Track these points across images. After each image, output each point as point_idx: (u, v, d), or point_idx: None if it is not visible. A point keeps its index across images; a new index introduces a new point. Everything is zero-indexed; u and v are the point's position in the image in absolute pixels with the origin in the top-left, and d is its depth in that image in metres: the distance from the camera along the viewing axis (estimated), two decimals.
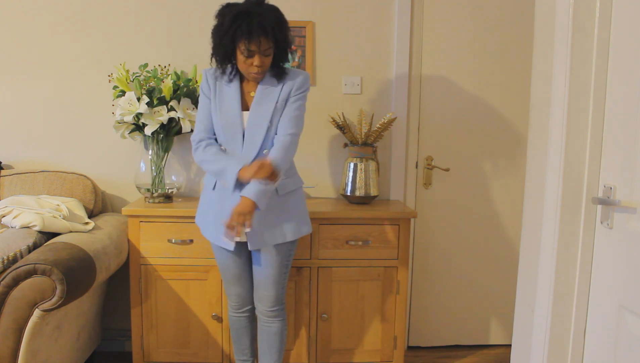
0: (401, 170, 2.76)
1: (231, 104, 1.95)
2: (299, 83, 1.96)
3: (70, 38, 2.62)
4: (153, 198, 2.49)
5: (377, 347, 2.48)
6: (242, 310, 2.16)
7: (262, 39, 1.81)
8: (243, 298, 2.14)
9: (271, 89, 1.95)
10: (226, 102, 1.96)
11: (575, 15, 1.45)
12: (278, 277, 2.05)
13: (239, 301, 2.15)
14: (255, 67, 1.87)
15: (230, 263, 2.08)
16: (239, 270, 2.09)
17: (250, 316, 2.19)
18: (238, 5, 1.86)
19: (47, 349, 1.94)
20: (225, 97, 1.96)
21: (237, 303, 2.16)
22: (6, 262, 1.90)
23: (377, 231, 2.40)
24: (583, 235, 1.49)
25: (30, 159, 2.67)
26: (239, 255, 2.06)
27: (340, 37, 2.68)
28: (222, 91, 1.97)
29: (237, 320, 2.19)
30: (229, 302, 2.18)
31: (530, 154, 1.71)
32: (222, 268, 2.12)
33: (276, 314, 2.09)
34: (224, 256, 2.07)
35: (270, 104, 1.93)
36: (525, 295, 1.71)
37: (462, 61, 2.74)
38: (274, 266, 2.03)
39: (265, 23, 1.81)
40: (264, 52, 1.85)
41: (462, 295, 2.89)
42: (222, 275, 2.15)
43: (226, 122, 1.95)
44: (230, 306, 2.18)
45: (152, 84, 2.43)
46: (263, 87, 1.95)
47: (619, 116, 1.40)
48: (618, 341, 1.37)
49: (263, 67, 1.88)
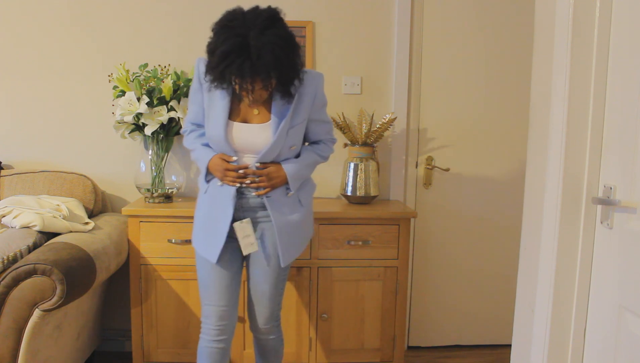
0: (401, 170, 2.76)
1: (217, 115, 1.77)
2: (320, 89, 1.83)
3: (70, 38, 2.62)
4: (153, 198, 2.49)
5: (377, 347, 2.48)
6: (220, 337, 1.85)
7: (257, 79, 1.61)
8: (225, 321, 1.85)
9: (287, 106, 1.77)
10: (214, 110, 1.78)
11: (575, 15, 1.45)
12: (274, 293, 1.90)
13: (219, 324, 1.84)
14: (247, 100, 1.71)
15: (216, 277, 1.84)
16: (225, 285, 1.85)
17: (226, 348, 1.88)
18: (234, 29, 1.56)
19: (47, 349, 1.94)
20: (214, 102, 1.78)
21: (216, 328, 1.84)
22: (6, 262, 1.90)
23: (377, 231, 2.40)
24: (583, 235, 1.49)
25: (30, 159, 2.67)
26: (227, 267, 1.85)
27: (340, 37, 2.69)
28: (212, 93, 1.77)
29: (209, 353, 1.85)
30: (204, 327, 1.87)
31: (530, 154, 1.71)
32: (205, 283, 1.86)
33: (270, 330, 1.95)
34: (208, 269, 1.85)
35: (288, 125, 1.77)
36: (525, 295, 1.71)
37: (462, 60, 2.74)
38: (270, 283, 1.88)
39: (260, 66, 1.55)
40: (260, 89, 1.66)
41: (462, 295, 2.89)
42: (203, 292, 1.88)
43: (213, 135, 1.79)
44: (205, 333, 1.87)
45: (152, 84, 2.43)
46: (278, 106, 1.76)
47: (619, 116, 1.40)
48: (618, 341, 1.37)
49: (261, 98, 1.72)
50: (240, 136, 1.79)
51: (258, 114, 1.80)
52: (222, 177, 1.80)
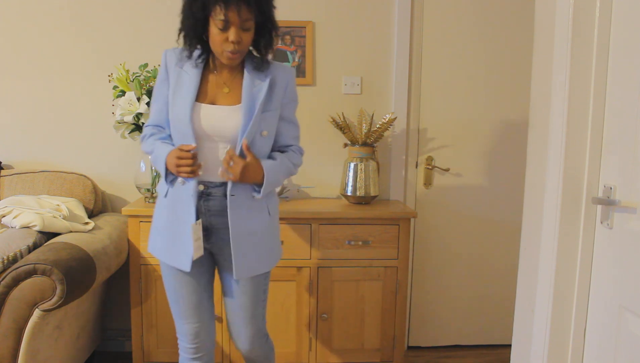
0: (401, 170, 2.76)
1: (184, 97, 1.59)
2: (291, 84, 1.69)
3: (70, 38, 2.62)
4: (153, 198, 2.49)
5: (377, 346, 2.48)
6: (198, 355, 1.73)
7: (242, 7, 1.47)
8: (201, 338, 1.71)
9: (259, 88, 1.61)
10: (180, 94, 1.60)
11: (575, 15, 1.45)
12: (255, 307, 1.72)
13: (195, 342, 1.71)
14: (230, 44, 1.51)
15: (186, 291, 1.67)
16: (197, 298, 1.68)
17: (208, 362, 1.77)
18: None
19: (47, 349, 1.94)
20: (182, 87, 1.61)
21: (193, 345, 1.71)
22: (6, 262, 1.90)
23: (377, 231, 2.40)
24: (583, 235, 1.49)
25: (30, 159, 2.67)
26: (197, 278, 1.68)
27: (340, 37, 2.69)
28: (180, 78, 1.62)
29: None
30: (181, 345, 1.75)
31: (530, 154, 1.71)
32: (175, 298, 1.70)
33: (260, 348, 1.77)
34: (177, 281, 1.67)
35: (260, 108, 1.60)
36: (525, 295, 1.71)
37: (462, 60, 2.74)
38: (248, 296, 1.69)
39: None
40: (243, 25, 1.50)
41: (462, 295, 2.89)
42: (174, 308, 1.71)
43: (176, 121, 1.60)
44: (182, 350, 1.74)
45: (152, 84, 2.43)
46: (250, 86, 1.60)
47: (619, 116, 1.40)
48: (618, 341, 1.37)
49: (240, 45, 1.53)
50: (208, 118, 1.59)
51: (229, 92, 1.62)
52: (177, 169, 1.56)
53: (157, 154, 1.66)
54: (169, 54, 1.68)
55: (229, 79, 1.64)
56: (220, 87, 1.63)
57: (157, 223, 1.72)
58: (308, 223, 2.37)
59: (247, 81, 1.61)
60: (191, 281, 1.68)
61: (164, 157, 1.61)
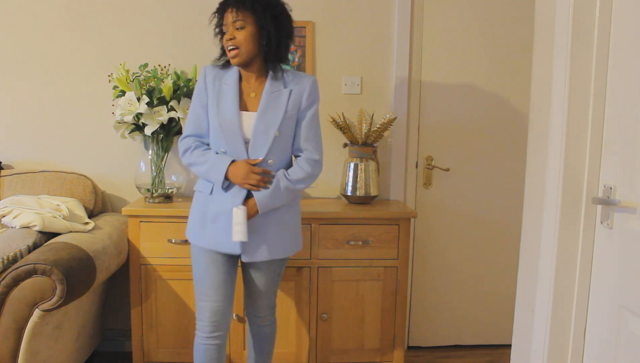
0: (401, 170, 2.76)
1: (229, 105, 1.83)
2: (310, 89, 1.87)
3: (70, 38, 2.62)
4: (153, 198, 2.49)
5: (377, 347, 2.48)
6: (214, 334, 1.87)
7: (234, 9, 1.73)
8: (219, 315, 1.86)
9: (278, 93, 1.83)
10: (224, 103, 1.84)
11: (575, 15, 1.45)
12: (270, 287, 1.98)
13: (213, 320, 1.86)
14: (226, 41, 1.76)
15: (213, 270, 1.86)
16: (222, 277, 1.87)
17: (221, 345, 1.90)
18: None
19: (47, 349, 1.94)
20: (224, 97, 1.84)
21: (209, 324, 1.86)
22: (6, 262, 1.90)
23: (377, 231, 2.40)
24: (583, 235, 1.49)
25: (30, 159, 2.67)
26: (226, 262, 1.89)
27: (340, 37, 2.68)
28: (221, 91, 1.85)
29: (205, 349, 1.87)
30: (199, 324, 1.89)
31: (530, 154, 1.71)
32: (204, 277, 1.88)
33: (268, 318, 2.04)
34: (209, 261, 1.87)
35: (279, 111, 1.82)
36: (525, 295, 1.71)
37: (462, 60, 2.74)
38: (266, 278, 1.94)
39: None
40: (235, 25, 1.74)
41: (462, 295, 2.89)
42: (199, 287, 1.89)
43: (224, 123, 1.82)
44: (199, 330, 1.89)
45: (152, 84, 2.43)
46: (270, 90, 1.83)
47: (619, 116, 1.41)
48: (618, 341, 1.37)
49: (235, 42, 1.75)
50: (248, 123, 1.82)
51: (255, 97, 1.85)
52: (245, 180, 1.79)
53: (213, 163, 1.84)
54: (207, 70, 1.90)
55: (255, 86, 1.87)
56: (248, 94, 1.87)
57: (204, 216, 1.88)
58: (308, 223, 2.37)
59: (267, 87, 1.84)
60: (217, 264, 1.87)
61: (226, 166, 1.81)
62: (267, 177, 1.82)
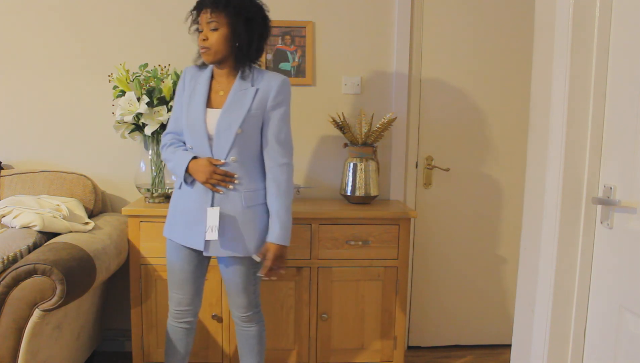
0: (401, 170, 2.76)
1: (197, 102, 1.87)
2: (277, 89, 1.84)
3: (70, 38, 2.62)
4: (153, 198, 2.49)
5: (377, 347, 2.48)
6: (181, 320, 2.03)
7: (208, 10, 1.78)
8: (183, 306, 2.00)
9: (245, 92, 1.84)
10: (194, 100, 1.89)
11: (575, 15, 1.45)
12: (246, 285, 1.97)
13: (179, 309, 2.01)
14: (200, 41, 1.81)
15: (179, 266, 1.96)
16: (185, 276, 1.97)
17: (189, 329, 2.05)
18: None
19: (47, 349, 1.94)
20: (195, 95, 1.89)
21: (176, 311, 2.02)
22: (6, 262, 1.90)
23: (377, 231, 2.40)
24: (583, 235, 1.49)
25: (30, 159, 2.67)
26: (189, 260, 1.96)
27: (340, 37, 2.68)
28: (194, 90, 1.90)
29: (173, 330, 2.04)
30: (170, 308, 2.04)
31: (530, 154, 1.71)
32: (171, 269, 2.00)
33: (251, 318, 2.02)
34: (176, 256, 1.97)
35: (242, 109, 1.83)
36: (525, 295, 1.71)
37: (463, 60, 2.74)
38: (238, 275, 1.95)
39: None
40: (209, 25, 1.79)
41: (462, 295, 2.89)
42: (169, 277, 2.02)
43: (191, 120, 1.87)
44: (170, 314, 2.05)
45: (152, 84, 2.43)
46: (237, 88, 1.85)
47: (619, 116, 1.41)
48: (618, 341, 1.37)
49: (207, 43, 1.80)
50: (212, 120, 1.86)
51: (222, 95, 1.88)
52: (206, 179, 1.85)
53: (178, 158, 1.90)
54: (187, 71, 1.96)
55: (225, 85, 1.90)
56: (217, 92, 1.90)
57: (175, 211, 1.97)
58: (308, 223, 2.37)
59: (235, 85, 1.87)
60: (183, 261, 1.96)
61: (186, 162, 1.87)
62: (228, 178, 1.85)
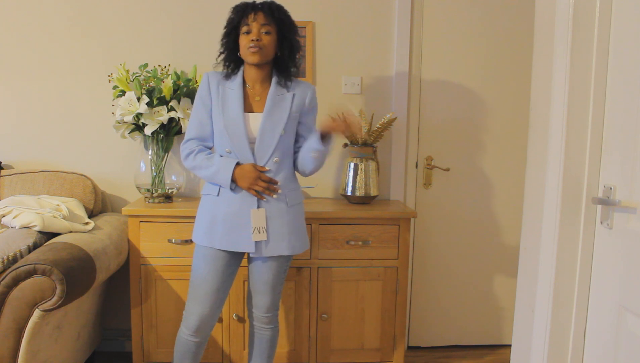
0: (401, 170, 2.76)
1: (235, 106, 1.91)
2: (311, 95, 2.00)
3: (70, 38, 2.62)
4: (153, 198, 2.49)
5: (377, 347, 2.48)
6: (196, 335, 1.96)
7: (260, 13, 1.86)
8: (203, 322, 1.94)
9: (282, 97, 1.94)
10: (229, 105, 1.92)
11: (575, 15, 1.45)
12: (275, 283, 2.00)
13: (198, 323, 1.94)
14: (250, 41, 1.85)
15: (211, 277, 1.92)
16: (217, 286, 1.93)
17: (202, 342, 2.00)
18: None
19: (47, 349, 1.94)
20: (229, 100, 1.92)
21: (194, 325, 1.94)
22: (6, 262, 1.90)
23: (377, 231, 2.40)
24: (583, 235, 1.49)
25: (30, 159, 2.67)
26: (224, 269, 1.95)
27: (340, 37, 2.68)
28: (225, 94, 1.93)
29: (185, 342, 1.97)
30: (185, 322, 1.97)
31: (530, 154, 1.71)
32: (199, 280, 1.94)
33: (270, 319, 2.04)
34: (210, 266, 1.93)
35: (284, 112, 1.93)
36: (525, 295, 1.71)
37: (462, 60, 2.74)
38: (272, 273, 1.98)
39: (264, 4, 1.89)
40: (262, 28, 1.86)
41: (462, 295, 2.89)
42: (194, 290, 1.95)
43: (230, 124, 1.90)
44: (184, 326, 1.97)
45: (152, 84, 2.43)
46: (274, 93, 1.93)
47: (619, 116, 1.41)
48: (618, 341, 1.37)
49: (261, 43, 1.86)
50: (254, 124, 1.91)
51: (259, 101, 1.94)
52: (251, 185, 1.88)
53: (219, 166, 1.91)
54: (210, 75, 1.98)
55: (259, 91, 1.96)
56: (253, 98, 1.95)
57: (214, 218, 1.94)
58: (308, 223, 2.36)
59: (272, 91, 1.94)
60: (216, 271, 1.93)
61: (232, 169, 1.88)
62: (272, 186, 1.90)
